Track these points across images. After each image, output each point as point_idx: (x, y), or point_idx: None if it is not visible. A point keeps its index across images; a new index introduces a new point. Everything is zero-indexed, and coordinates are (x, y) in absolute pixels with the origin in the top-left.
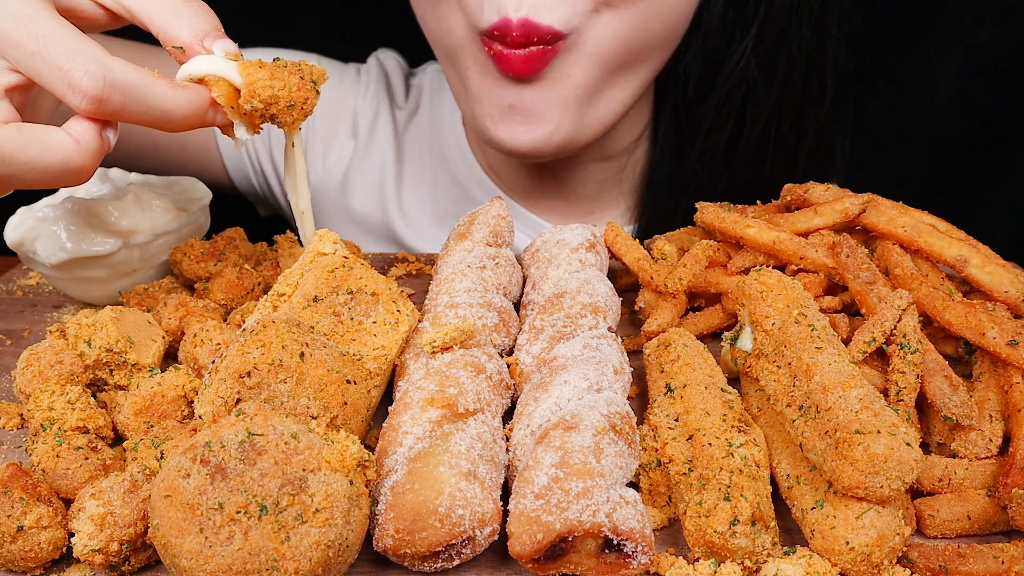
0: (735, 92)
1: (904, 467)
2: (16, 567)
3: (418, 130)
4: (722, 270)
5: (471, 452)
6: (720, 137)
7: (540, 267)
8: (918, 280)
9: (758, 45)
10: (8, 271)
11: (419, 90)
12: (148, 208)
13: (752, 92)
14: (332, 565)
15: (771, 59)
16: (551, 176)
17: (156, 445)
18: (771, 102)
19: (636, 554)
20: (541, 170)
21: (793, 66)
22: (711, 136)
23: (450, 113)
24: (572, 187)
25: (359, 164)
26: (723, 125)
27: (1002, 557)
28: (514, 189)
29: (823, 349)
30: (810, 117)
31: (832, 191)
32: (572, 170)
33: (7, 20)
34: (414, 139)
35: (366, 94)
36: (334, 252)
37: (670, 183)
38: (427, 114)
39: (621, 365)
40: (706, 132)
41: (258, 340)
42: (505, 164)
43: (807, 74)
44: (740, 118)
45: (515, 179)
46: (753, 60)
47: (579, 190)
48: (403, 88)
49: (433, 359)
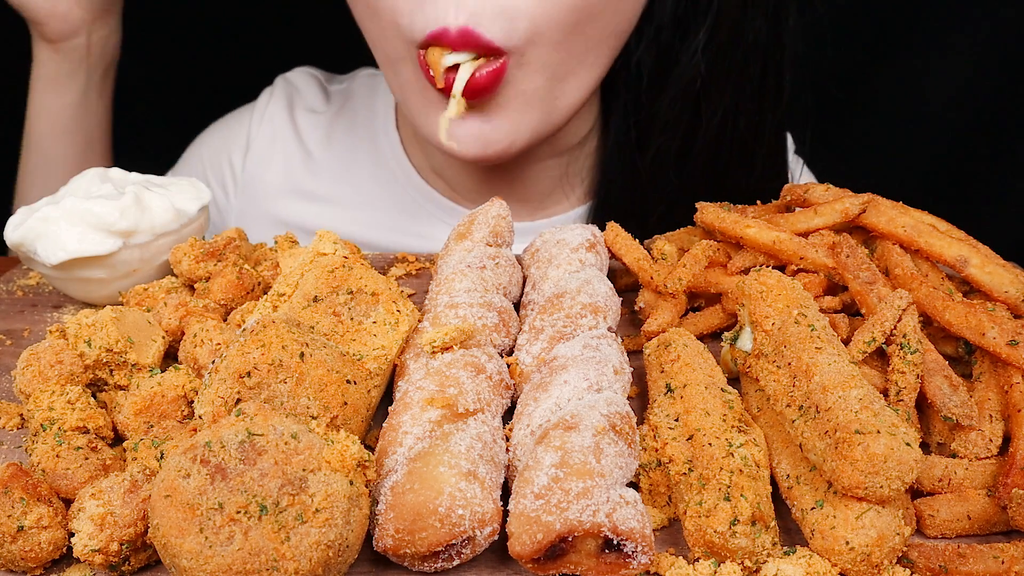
0: (689, 88)
1: (904, 467)
2: (16, 567)
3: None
4: (722, 270)
5: (471, 452)
6: (675, 134)
7: (540, 267)
8: (918, 280)
9: (712, 40)
10: (8, 271)
11: (346, 96)
12: (148, 208)
13: (707, 88)
14: (332, 565)
15: (726, 54)
16: (502, 176)
17: (156, 445)
18: (727, 98)
19: (636, 554)
20: (491, 171)
21: (749, 61)
22: (666, 132)
23: (383, 119)
24: (525, 185)
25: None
26: (678, 121)
27: (1002, 557)
28: (461, 192)
29: (823, 349)
30: (768, 112)
31: (832, 191)
32: (524, 169)
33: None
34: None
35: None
36: (334, 252)
37: (623, 178)
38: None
39: (621, 365)
40: (661, 128)
41: (258, 340)
42: (451, 166)
43: (764, 69)
44: (695, 114)
45: (462, 181)
46: (707, 56)
47: (532, 188)
48: (321, 95)
49: (433, 359)
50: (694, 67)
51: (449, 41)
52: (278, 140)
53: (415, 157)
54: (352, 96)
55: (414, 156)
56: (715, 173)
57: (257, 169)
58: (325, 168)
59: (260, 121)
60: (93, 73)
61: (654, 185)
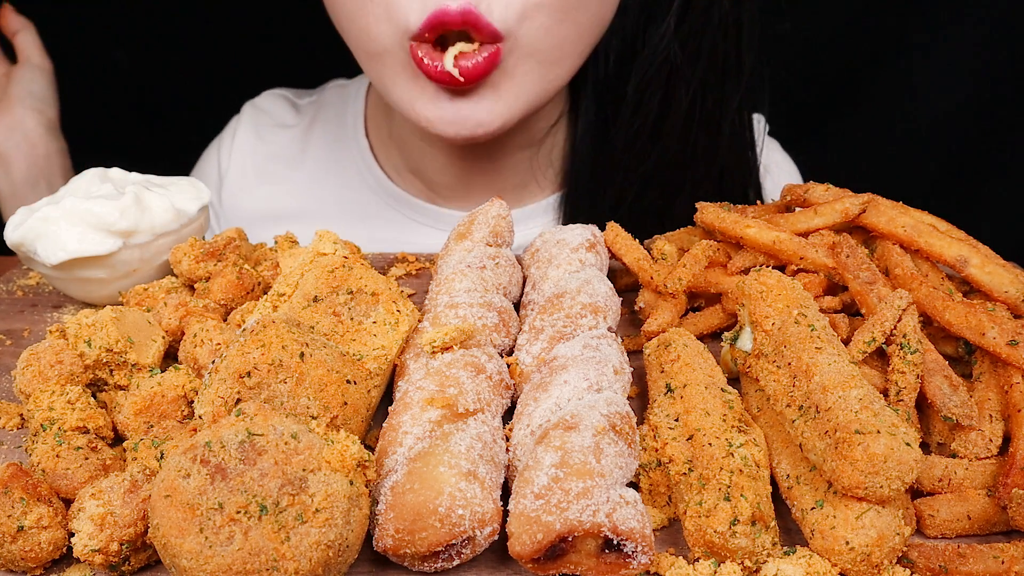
0: (659, 72)
1: (904, 467)
2: (16, 567)
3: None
4: (722, 270)
5: (471, 452)
6: (646, 117)
7: (540, 267)
8: (918, 280)
9: (681, 24)
10: (8, 271)
11: (317, 107)
12: (148, 208)
13: (676, 72)
14: (332, 565)
15: (695, 38)
16: (479, 169)
17: (156, 445)
18: (696, 81)
19: (636, 554)
20: (469, 165)
21: (716, 42)
22: (636, 116)
23: (352, 128)
24: (502, 177)
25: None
26: (648, 105)
27: (1002, 557)
28: (437, 189)
29: (823, 349)
30: (731, 91)
31: (832, 191)
32: (497, 162)
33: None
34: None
35: (231, 151)
36: (334, 252)
37: (593, 163)
38: (327, 130)
39: (621, 365)
40: (631, 113)
41: (258, 340)
42: (430, 161)
43: (726, 48)
44: (666, 98)
45: (440, 177)
46: (679, 39)
47: (508, 180)
48: (291, 111)
49: (433, 359)
50: (665, 51)
51: (450, 20)
52: (249, 167)
53: (387, 162)
54: (323, 107)
55: (386, 161)
56: (686, 153)
57: (234, 200)
58: (299, 185)
59: (229, 153)
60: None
61: (626, 168)
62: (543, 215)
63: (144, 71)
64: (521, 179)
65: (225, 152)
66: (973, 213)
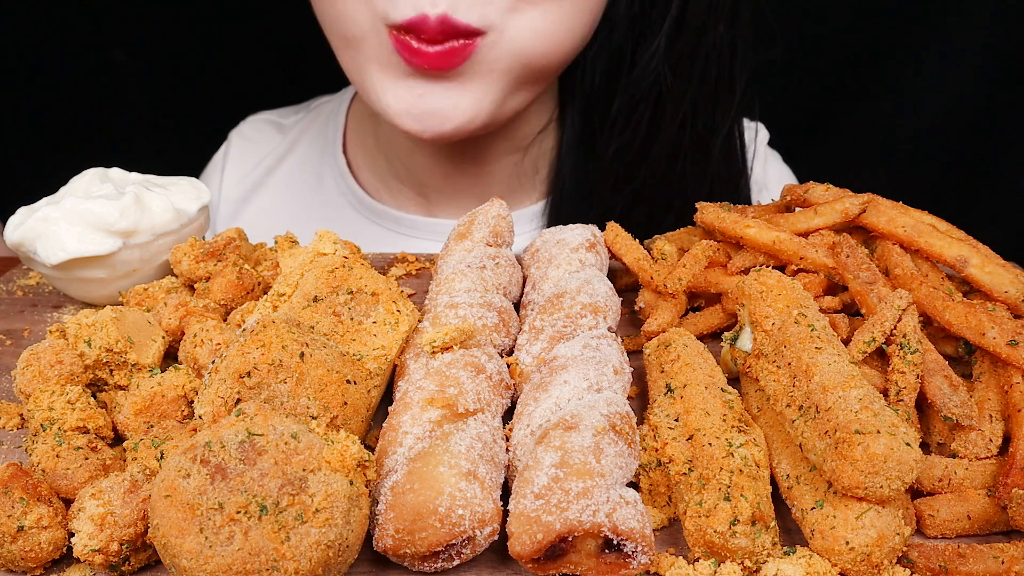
0: (649, 93)
1: (904, 467)
2: (16, 567)
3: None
4: (722, 270)
5: (471, 452)
6: (634, 136)
7: (540, 267)
8: (918, 280)
9: (672, 45)
10: (8, 271)
11: (303, 127)
12: (148, 208)
13: (667, 93)
14: (332, 565)
15: (687, 60)
16: (465, 173)
17: (156, 445)
18: (686, 102)
19: (636, 554)
20: (453, 168)
21: (709, 65)
22: (624, 134)
23: (332, 144)
24: (488, 182)
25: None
26: (637, 124)
27: (1002, 557)
28: (425, 194)
29: (823, 349)
30: (722, 113)
31: (832, 191)
32: (484, 165)
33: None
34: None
35: (220, 183)
36: (334, 252)
37: (575, 177)
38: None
39: (621, 365)
40: (619, 131)
41: (258, 340)
42: (415, 165)
43: (719, 71)
44: (655, 118)
45: (426, 180)
46: (669, 60)
47: (494, 185)
48: (275, 134)
49: (433, 359)
50: (654, 72)
51: (428, 30)
52: (237, 196)
53: (374, 174)
54: (308, 126)
55: (372, 173)
56: (674, 171)
57: (226, 227)
58: (284, 206)
59: (219, 186)
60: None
61: (613, 183)
62: (530, 221)
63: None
64: (508, 184)
65: (215, 185)
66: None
